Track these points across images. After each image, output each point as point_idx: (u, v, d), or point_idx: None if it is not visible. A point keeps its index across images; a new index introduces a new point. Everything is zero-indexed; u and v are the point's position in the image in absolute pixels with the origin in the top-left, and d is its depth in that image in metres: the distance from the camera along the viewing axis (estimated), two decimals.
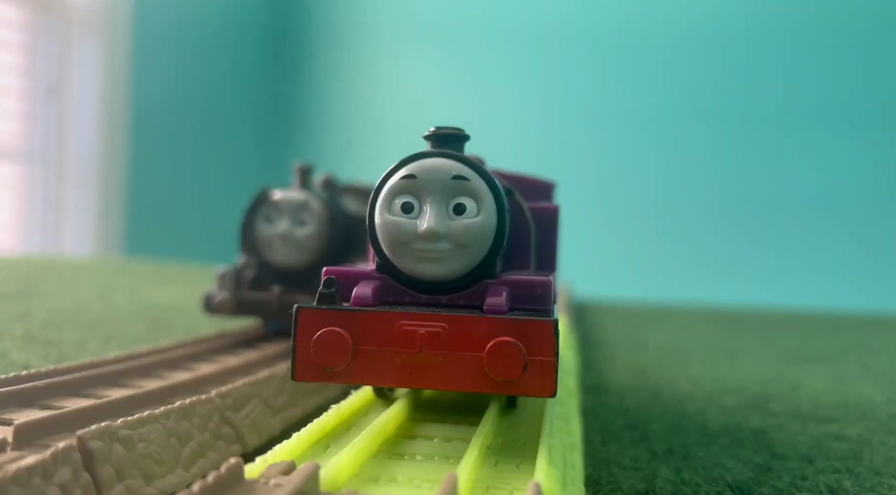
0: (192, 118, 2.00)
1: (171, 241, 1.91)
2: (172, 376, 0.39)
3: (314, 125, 2.27)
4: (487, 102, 2.04)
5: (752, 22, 1.74)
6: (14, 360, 0.48)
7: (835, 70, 1.68)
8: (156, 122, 1.87)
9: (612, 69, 1.89)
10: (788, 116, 1.71)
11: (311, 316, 0.29)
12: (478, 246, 0.30)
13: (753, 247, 1.74)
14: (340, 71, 2.24)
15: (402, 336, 0.28)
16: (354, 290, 0.30)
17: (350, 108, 2.22)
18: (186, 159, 1.99)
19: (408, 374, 0.28)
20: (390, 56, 2.17)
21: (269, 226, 0.51)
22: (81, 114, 1.73)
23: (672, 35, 1.82)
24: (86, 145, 1.74)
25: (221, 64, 2.11)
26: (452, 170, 0.30)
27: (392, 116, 2.15)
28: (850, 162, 1.68)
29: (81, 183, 1.74)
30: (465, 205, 0.29)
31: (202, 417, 0.32)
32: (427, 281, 0.30)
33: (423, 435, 0.32)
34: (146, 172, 1.84)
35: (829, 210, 1.69)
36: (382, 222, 0.30)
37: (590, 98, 1.91)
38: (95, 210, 1.75)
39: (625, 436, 0.40)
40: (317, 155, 2.25)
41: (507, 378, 0.27)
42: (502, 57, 2.03)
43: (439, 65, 2.11)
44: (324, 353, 0.28)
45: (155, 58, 1.85)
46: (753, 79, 1.74)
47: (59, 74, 1.71)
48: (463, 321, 0.28)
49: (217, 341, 0.48)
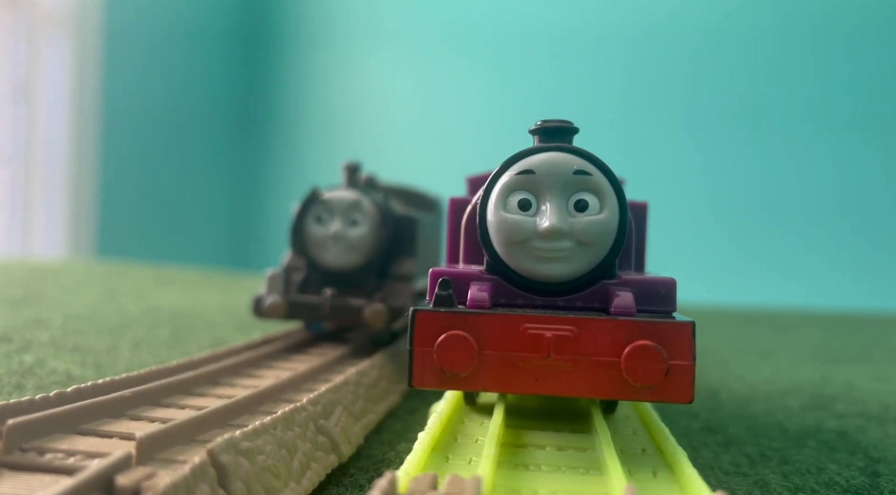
0: (163, 120, 1.96)
1: (142, 244, 1.87)
2: (250, 383, 0.37)
3: (286, 127, 2.25)
4: (461, 104, 2.03)
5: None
6: (55, 368, 0.46)
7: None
8: (127, 124, 1.82)
9: (612, 68, 1.89)
10: (806, 116, 1.72)
11: (430, 319, 0.27)
12: (601, 244, 0.28)
13: (755, 247, 1.75)
14: (312, 73, 2.21)
15: (528, 340, 0.27)
16: (470, 292, 0.28)
17: (322, 109, 2.20)
18: (157, 161, 1.95)
19: (534, 381, 0.27)
20: (362, 58, 2.15)
21: (319, 227, 0.49)
22: (51, 115, 1.68)
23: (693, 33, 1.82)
24: (55, 147, 1.68)
25: (193, 65, 2.07)
26: (573, 164, 0.28)
27: (364, 118, 2.13)
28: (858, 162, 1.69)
29: (51, 185, 1.69)
30: (587, 201, 0.28)
31: (301, 426, 0.30)
32: (545, 281, 0.29)
33: (533, 444, 0.30)
34: (117, 174, 1.79)
35: (830, 209, 1.70)
36: (497, 220, 0.28)
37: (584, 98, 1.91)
38: (65, 212, 1.70)
39: (710, 441, 0.39)
40: (288, 157, 2.23)
41: (647, 384, 0.26)
42: (477, 57, 2.02)
43: (412, 66, 2.10)
44: (448, 358, 0.26)
45: (126, 58, 1.80)
46: (782, 79, 1.75)
47: (28, 74, 1.66)
48: (594, 324, 0.27)
49: (271, 346, 0.46)
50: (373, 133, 2.12)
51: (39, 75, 1.67)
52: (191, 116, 2.07)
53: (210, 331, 0.68)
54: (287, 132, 2.25)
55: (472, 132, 2.00)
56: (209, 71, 2.15)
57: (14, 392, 0.39)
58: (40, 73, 1.67)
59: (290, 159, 2.24)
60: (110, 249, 1.76)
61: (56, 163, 1.69)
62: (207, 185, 2.16)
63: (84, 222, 1.73)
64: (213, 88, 2.18)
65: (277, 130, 2.26)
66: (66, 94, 1.69)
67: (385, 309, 0.47)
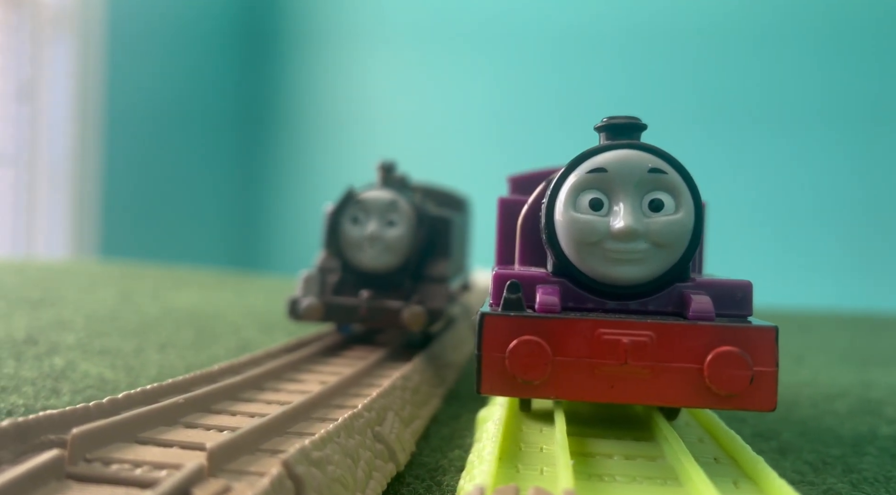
0: (167, 119, 1.95)
1: (146, 244, 1.86)
2: (295, 388, 0.36)
3: (290, 126, 2.24)
4: (466, 102, 2.02)
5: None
6: (87, 372, 0.45)
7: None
8: (130, 123, 1.81)
9: (615, 68, 1.88)
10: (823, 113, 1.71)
11: (500, 323, 0.26)
12: (676, 246, 0.27)
13: (778, 246, 1.73)
14: (317, 71, 2.20)
15: (604, 346, 0.26)
16: (538, 296, 0.27)
17: (326, 108, 2.19)
18: (161, 161, 1.93)
19: (609, 388, 0.26)
20: (367, 57, 2.14)
21: (355, 227, 0.48)
22: (54, 114, 1.67)
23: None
24: (59, 147, 1.67)
25: (197, 64, 2.06)
26: (647, 162, 0.27)
27: (369, 116, 2.12)
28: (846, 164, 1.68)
29: (55, 185, 1.68)
30: (663, 200, 0.27)
31: (360, 433, 0.29)
32: (617, 284, 0.28)
33: (600, 453, 0.29)
34: (120, 174, 1.78)
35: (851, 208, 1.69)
36: (567, 220, 0.27)
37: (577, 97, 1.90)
38: (69, 212, 1.69)
39: (765, 447, 0.38)
40: (293, 156, 2.22)
41: (731, 391, 0.25)
42: (481, 56, 2.01)
43: (417, 65, 2.09)
44: (521, 365, 0.25)
45: (129, 57, 1.79)
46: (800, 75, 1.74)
47: (31, 74, 1.65)
48: (673, 329, 0.25)
49: (307, 349, 0.45)
50: (377, 131, 2.11)
51: (43, 75, 1.66)
52: (194, 116, 2.06)
53: (234, 333, 0.67)
54: (291, 131, 2.24)
55: (478, 131, 1.99)
56: (213, 70, 2.14)
57: (51, 396, 0.38)
58: (44, 72, 1.66)
59: (295, 159, 2.23)
60: (114, 249, 1.75)
61: (59, 162, 1.68)
62: (211, 185, 2.15)
63: (87, 222, 1.72)
64: (217, 87, 2.17)
65: (281, 129, 2.25)
66: (70, 93, 1.67)
67: (423, 311, 0.46)
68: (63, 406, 0.37)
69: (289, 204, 2.23)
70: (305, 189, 2.20)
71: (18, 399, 0.37)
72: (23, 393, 0.38)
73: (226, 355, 0.56)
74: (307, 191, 2.19)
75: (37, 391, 0.39)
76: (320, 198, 2.16)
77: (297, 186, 2.23)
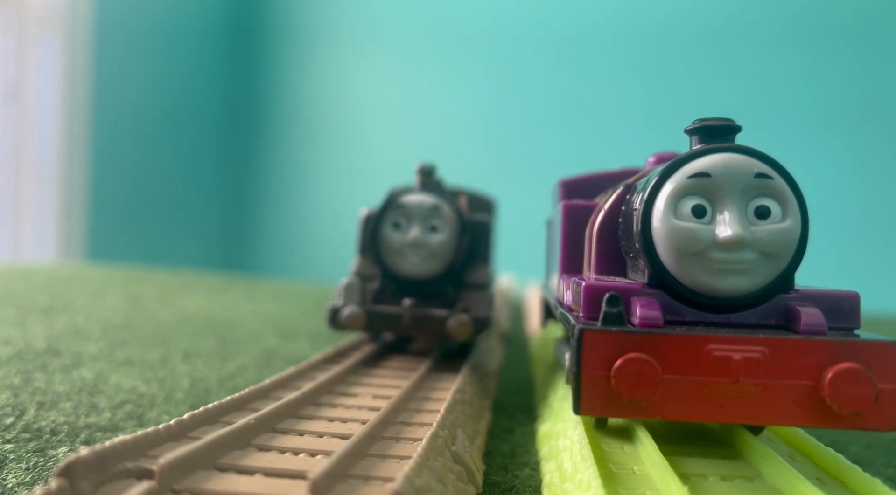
0: (155, 120, 1.91)
1: (135, 247, 1.83)
2: (352, 403, 0.34)
3: (278, 127, 2.21)
4: (453, 104, 2.00)
5: None
6: (119, 385, 0.43)
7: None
8: (118, 125, 1.78)
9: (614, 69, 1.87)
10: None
11: (603, 339, 0.24)
12: (783, 255, 0.26)
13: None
14: (305, 71, 2.18)
15: (714, 363, 0.24)
16: (637, 309, 0.26)
17: (314, 109, 2.16)
18: (149, 162, 1.90)
19: (719, 408, 0.24)
20: (354, 57, 2.12)
21: (397, 233, 0.46)
22: (40, 116, 1.63)
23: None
24: (45, 148, 1.64)
25: (184, 65, 2.03)
26: (753, 167, 0.26)
27: (355, 116, 2.10)
28: None
29: (41, 187, 1.64)
30: (769, 207, 0.25)
31: (441, 454, 0.27)
32: (720, 296, 0.26)
33: (695, 474, 0.27)
34: (108, 176, 1.74)
35: None
36: (668, 228, 0.26)
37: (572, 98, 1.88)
38: (56, 215, 1.65)
39: None
40: (281, 158, 2.19)
41: (854, 410, 0.23)
42: (470, 57, 1.99)
43: (405, 65, 2.07)
44: (629, 384, 0.24)
45: (116, 58, 1.76)
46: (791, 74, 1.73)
47: (17, 75, 1.61)
48: (787, 344, 0.24)
49: (348, 359, 0.43)
50: (366, 134, 2.09)
51: (29, 76, 1.63)
52: (183, 117, 2.03)
53: (255, 341, 0.65)
54: (280, 133, 2.21)
55: (467, 132, 1.97)
56: (200, 71, 2.11)
57: (91, 412, 0.36)
58: (30, 73, 1.63)
59: (284, 161, 2.20)
60: (101, 253, 1.71)
61: (46, 165, 1.64)
62: (200, 188, 2.12)
63: (74, 225, 1.68)
64: (205, 88, 2.13)
65: (270, 131, 2.22)
66: (56, 94, 1.64)
67: (470, 320, 0.44)
68: (105, 422, 0.35)
69: (278, 206, 2.21)
70: (294, 191, 2.18)
71: (59, 416, 0.35)
72: (61, 409, 0.36)
73: (254, 364, 0.54)
74: (296, 193, 2.17)
75: (75, 407, 0.37)
76: (309, 201, 2.14)
77: (286, 189, 2.20)
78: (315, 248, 2.11)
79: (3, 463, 0.28)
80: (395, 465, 0.25)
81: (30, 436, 0.31)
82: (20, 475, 0.27)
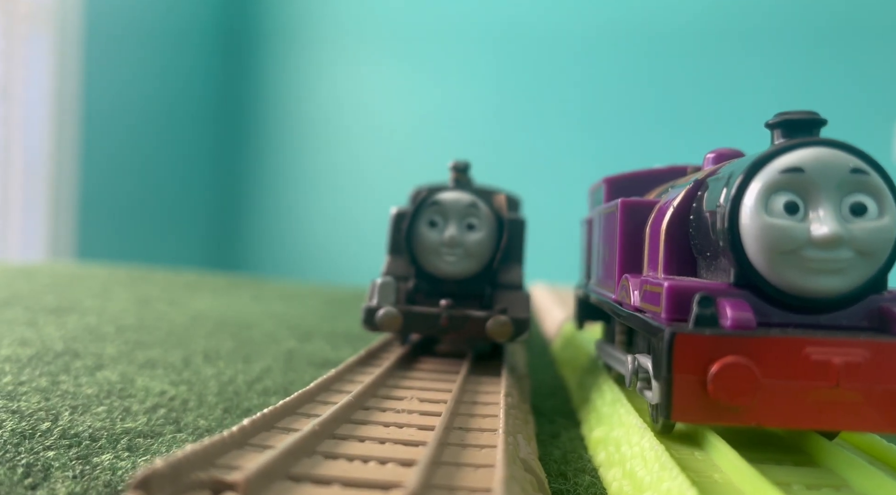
0: (145, 118, 1.89)
1: (123, 245, 1.80)
2: (403, 407, 0.33)
3: (269, 126, 2.19)
4: (445, 104, 1.98)
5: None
6: (147, 387, 0.41)
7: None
8: (108, 122, 1.75)
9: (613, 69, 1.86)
10: None
11: (696, 343, 0.23)
12: (880, 254, 0.24)
13: None
14: (295, 70, 2.15)
15: (812, 367, 0.23)
16: (728, 311, 0.24)
17: (305, 107, 2.14)
18: (139, 160, 1.87)
19: (818, 414, 0.23)
20: (345, 57, 2.10)
21: (432, 231, 0.45)
22: (30, 113, 1.60)
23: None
24: (35, 146, 1.61)
25: (175, 63, 2.00)
26: (849, 162, 0.24)
27: (346, 116, 2.08)
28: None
29: (30, 185, 1.61)
30: (865, 204, 0.24)
31: (513, 462, 0.26)
32: (811, 296, 0.25)
33: (778, 482, 0.26)
34: (98, 174, 1.71)
35: None
36: (759, 226, 0.25)
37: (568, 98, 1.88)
38: (45, 214, 1.63)
39: None
40: (272, 156, 2.17)
41: None
42: (462, 57, 1.98)
43: (395, 65, 2.05)
44: (728, 389, 0.22)
45: (106, 56, 1.73)
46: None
47: (6, 72, 1.58)
48: (891, 347, 0.23)
49: (384, 361, 0.42)
50: (357, 132, 2.07)
51: (18, 74, 1.60)
52: (173, 115, 2.00)
53: (273, 342, 0.63)
54: (271, 131, 2.18)
55: (456, 133, 1.96)
56: (191, 69, 2.09)
57: (126, 417, 0.35)
58: (19, 71, 1.60)
59: (274, 158, 2.18)
60: (91, 251, 1.69)
61: (35, 163, 1.61)
62: (190, 186, 2.10)
63: (64, 223, 1.66)
64: (195, 87, 2.11)
65: (261, 129, 2.20)
66: (46, 91, 1.61)
67: (510, 321, 0.43)
68: (142, 427, 0.33)
69: (268, 204, 2.18)
70: (285, 189, 2.16)
71: (95, 421, 0.33)
72: (96, 414, 0.34)
73: (277, 366, 0.52)
74: (287, 191, 2.15)
75: (108, 411, 0.35)
76: (300, 199, 2.12)
77: (277, 187, 2.18)
78: (309, 248, 2.09)
79: (49, 472, 0.26)
80: (472, 474, 0.24)
81: (69, 443, 0.30)
82: (69, 484, 0.25)
